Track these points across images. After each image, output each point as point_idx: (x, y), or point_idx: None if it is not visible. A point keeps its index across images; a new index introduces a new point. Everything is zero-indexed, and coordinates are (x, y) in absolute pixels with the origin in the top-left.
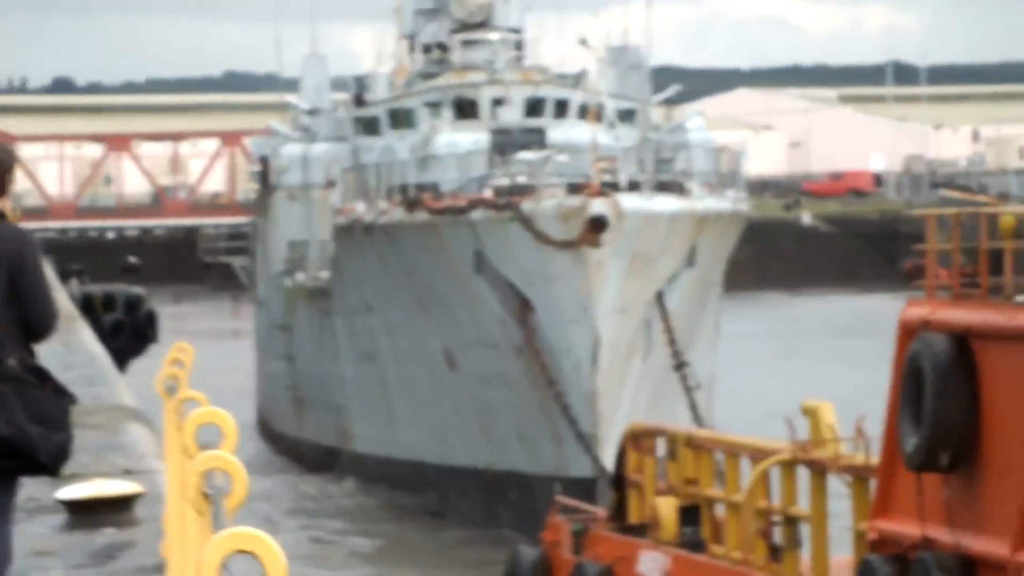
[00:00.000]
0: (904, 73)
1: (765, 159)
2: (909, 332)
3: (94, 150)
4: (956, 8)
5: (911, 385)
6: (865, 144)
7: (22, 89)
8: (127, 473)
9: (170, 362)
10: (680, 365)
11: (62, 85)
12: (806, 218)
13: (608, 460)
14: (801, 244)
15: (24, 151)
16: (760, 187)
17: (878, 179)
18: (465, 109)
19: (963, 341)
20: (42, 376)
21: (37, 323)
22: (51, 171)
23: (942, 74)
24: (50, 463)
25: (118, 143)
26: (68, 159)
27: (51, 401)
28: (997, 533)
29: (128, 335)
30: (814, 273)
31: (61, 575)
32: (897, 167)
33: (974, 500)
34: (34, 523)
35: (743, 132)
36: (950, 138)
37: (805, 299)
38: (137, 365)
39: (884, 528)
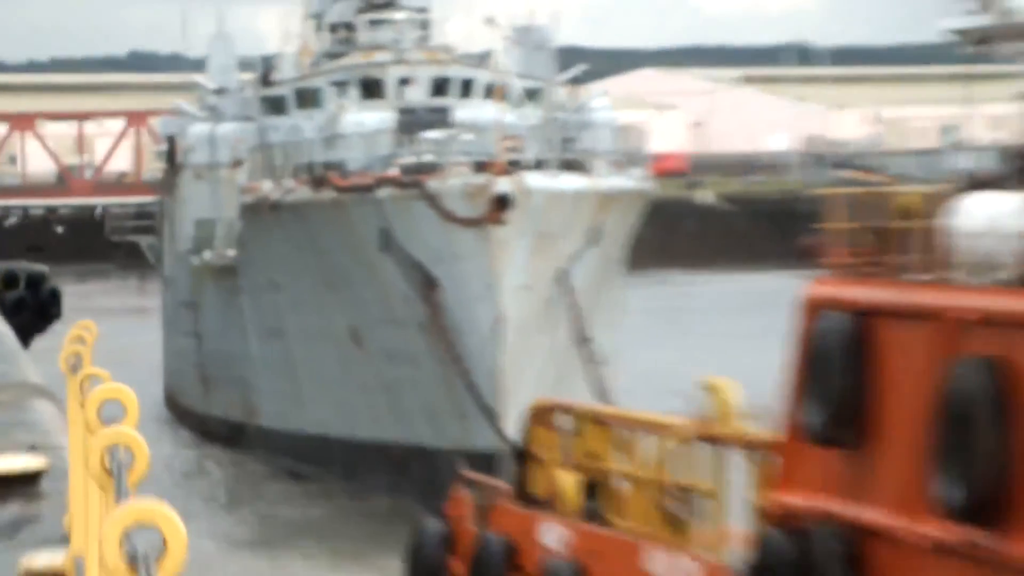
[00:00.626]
0: (805, 54)
1: (668, 138)
2: (812, 310)
3: None
4: None
5: (813, 362)
6: (766, 124)
7: None
8: (32, 449)
9: (73, 339)
10: (584, 341)
11: None
12: (708, 197)
13: (511, 434)
14: (703, 224)
15: None
16: (662, 166)
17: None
18: (371, 88)
19: (862, 318)
20: None
21: None
22: None
23: (842, 55)
24: None
25: (22, 122)
26: None
27: None
28: (888, 505)
29: (30, 312)
30: (715, 252)
31: None
32: (798, 147)
33: (868, 474)
34: None
35: (647, 112)
36: (850, 118)
37: (707, 277)
38: (42, 342)
39: (784, 501)
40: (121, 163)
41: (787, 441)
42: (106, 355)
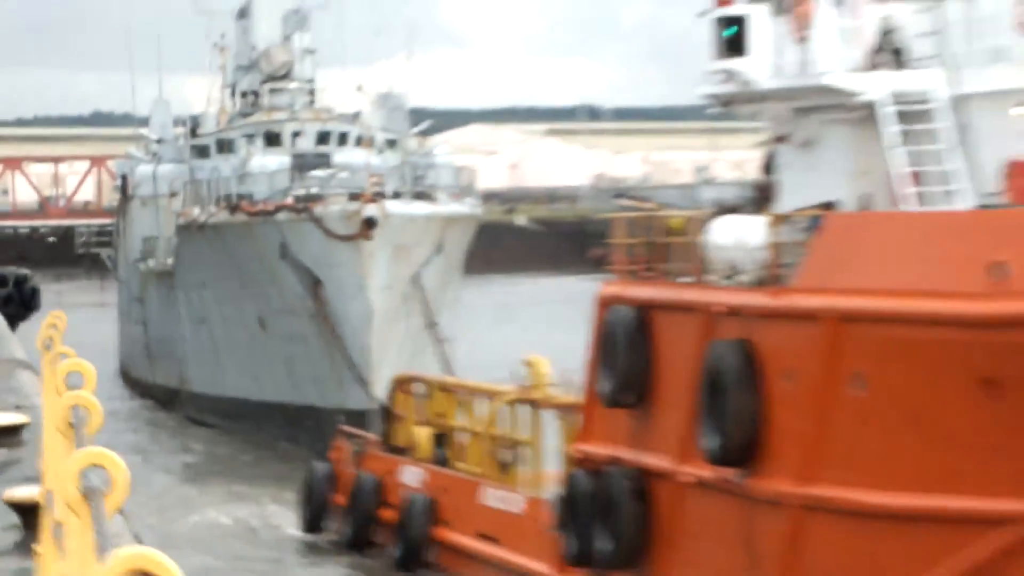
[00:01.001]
0: (594, 112)
1: (492, 177)
2: (604, 305)
3: None
4: (631, 64)
5: (606, 344)
6: (565, 165)
7: None
8: (17, 408)
9: (47, 326)
10: (432, 324)
11: None
12: (521, 219)
13: (379, 398)
14: (518, 240)
15: None
16: (488, 197)
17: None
18: (272, 139)
19: (642, 311)
20: None
21: None
22: None
23: (622, 113)
24: None
25: (12, 164)
26: None
27: None
28: (664, 452)
29: (17, 304)
30: (528, 261)
31: None
32: (588, 182)
33: (649, 429)
34: None
35: (476, 156)
36: (628, 161)
37: (521, 280)
38: (25, 328)
39: (585, 450)
40: (87, 194)
41: (587, 403)
42: (74, 337)
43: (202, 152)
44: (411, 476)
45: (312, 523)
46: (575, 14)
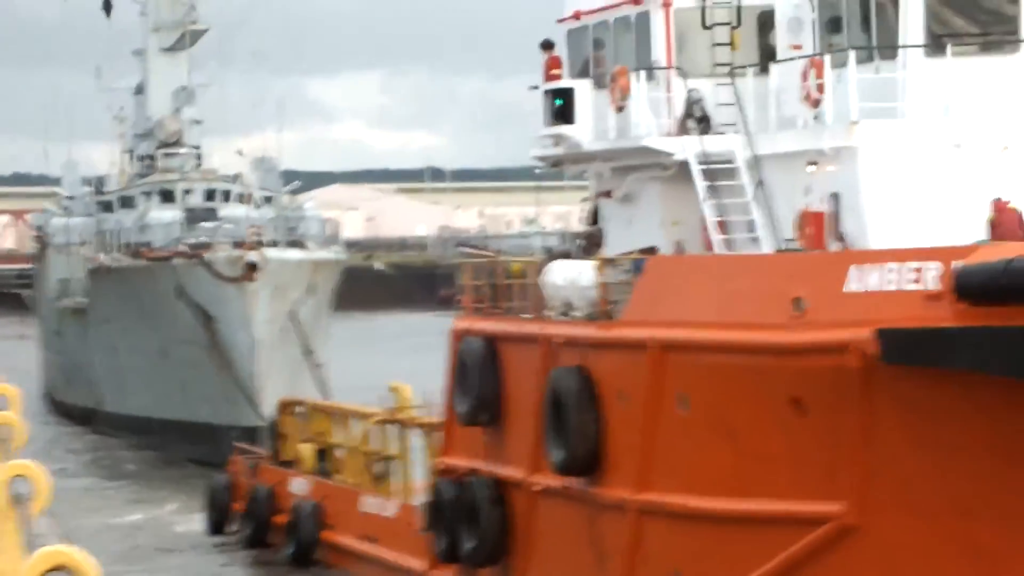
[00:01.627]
0: (439, 174)
1: (352, 228)
2: (457, 336)
3: None
4: (467, 131)
5: (461, 370)
6: (414, 219)
7: None
8: None
9: None
10: (308, 352)
11: None
12: (379, 264)
13: (266, 416)
14: (376, 282)
15: None
16: (350, 245)
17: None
18: (167, 196)
19: (491, 342)
20: None
21: None
22: None
23: (461, 174)
24: None
25: None
26: None
27: None
28: (517, 464)
29: None
30: (384, 300)
31: None
32: (434, 233)
33: (502, 444)
34: None
35: (338, 211)
36: (467, 215)
37: (379, 316)
38: None
39: (448, 462)
40: (9, 243)
41: (447, 422)
42: (1, 363)
43: (107, 207)
44: (299, 486)
45: (216, 526)
46: (420, 90)
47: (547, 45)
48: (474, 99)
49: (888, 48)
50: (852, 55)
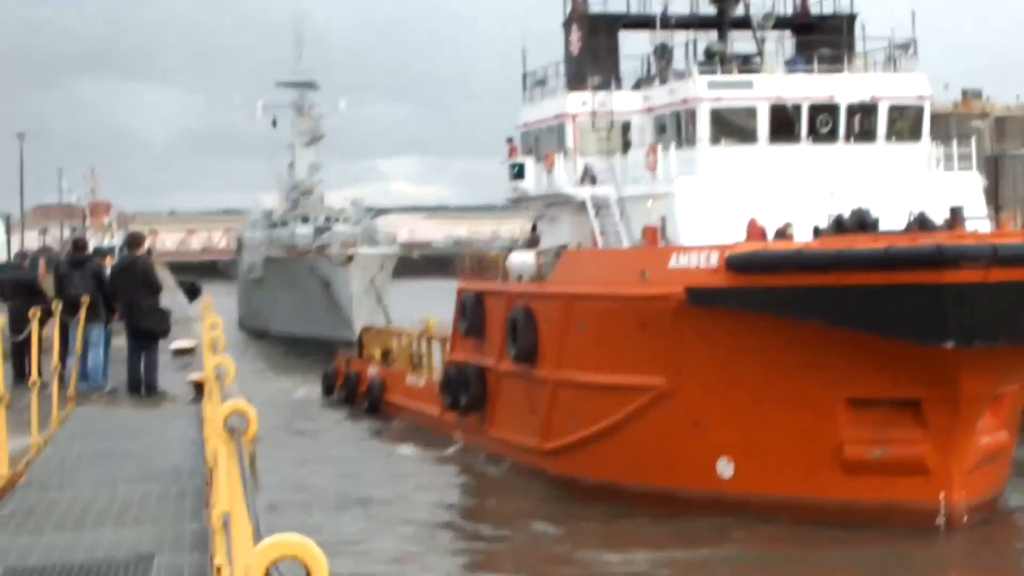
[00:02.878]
0: (447, 208)
1: (400, 237)
2: (460, 292)
3: None
4: (465, 184)
5: (461, 310)
6: (435, 233)
7: None
8: (191, 339)
9: (203, 302)
10: (379, 300)
11: None
12: (415, 255)
13: (355, 333)
14: (413, 265)
15: None
16: (400, 246)
17: None
18: (304, 220)
19: (479, 294)
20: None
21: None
22: None
23: (461, 208)
24: (165, 334)
25: (190, 232)
26: None
27: (162, 316)
28: (491, 357)
29: (191, 292)
30: (418, 273)
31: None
32: (443, 239)
33: (483, 347)
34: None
35: (393, 228)
36: (464, 231)
37: (415, 282)
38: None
39: (453, 357)
40: (222, 245)
41: (453, 336)
42: (217, 306)
43: (273, 226)
44: (372, 371)
45: (327, 391)
46: (436, 165)
47: (509, 140)
48: (466, 168)
49: (690, 141)
50: (672, 145)
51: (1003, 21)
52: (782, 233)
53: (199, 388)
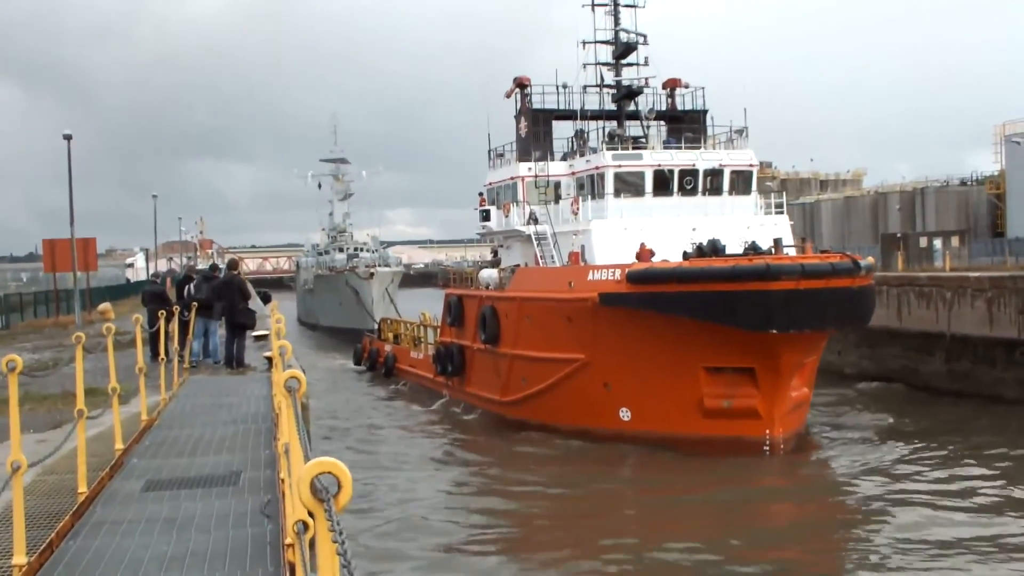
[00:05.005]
0: (433, 241)
1: (405, 260)
2: (447, 296)
3: None
4: (448, 227)
5: (448, 308)
6: (426, 258)
7: None
8: (267, 328)
9: (272, 306)
10: (391, 301)
11: None
12: (413, 272)
13: (375, 324)
14: (413, 278)
15: None
16: (404, 266)
17: None
18: (340, 250)
19: (460, 298)
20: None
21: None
22: None
23: (444, 241)
24: (252, 327)
25: (265, 259)
26: None
27: (250, 314)
28: (468, 340)
29: (264, 299)
30: (416, 284)
31: (250, 342)
32: (431, 261)
33: (463, 333)
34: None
35: (398, 255)
36: (445, 257)
37: (414, 290)
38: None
39: (442, 339)
40: (285, 266)
41: (442, 325)
42: (282, 308)
43: (319, 254)
44: (388, 348)
45: (356, 362)
46: (425, 212)
47: (480, 194)
48: (451, 215)
49: (600, 195)
50: (589, 197)
51: (785, 112)
52: (648, 256)
53: (271, 361)
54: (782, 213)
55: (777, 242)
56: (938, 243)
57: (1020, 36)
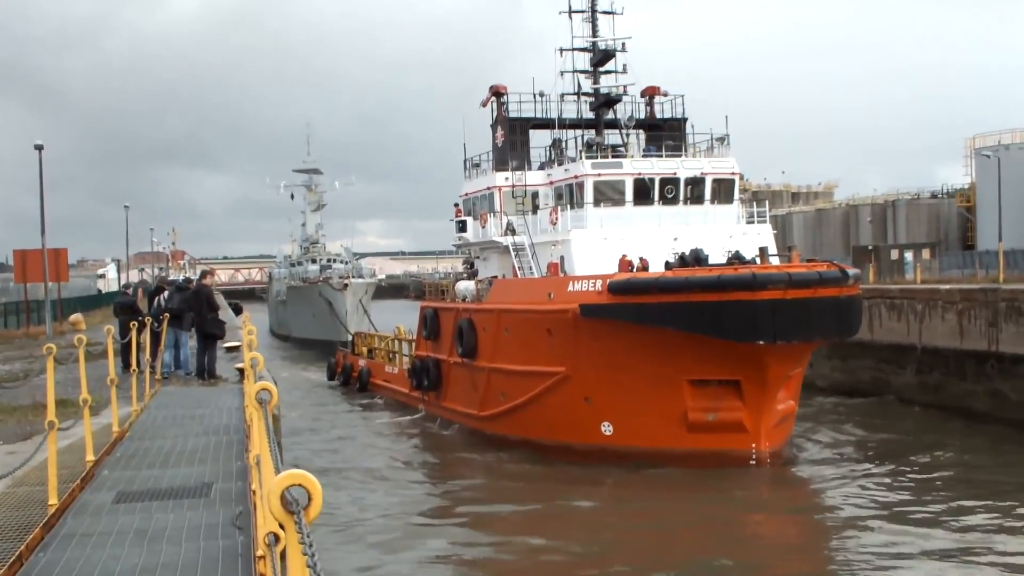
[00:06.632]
0: (406, 253)
1: (380, 272)
2: (422, 309)
3: None
4: (423, 237)
5: (423, 321)
6: (399, 269)
7: None
8: (237, 339)
9: (244, 317)
10: (365, 313)
11: None
12: (384, 283)
13: (350, 336)
14: (386, 290)
15: None
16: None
17: None
18: (313, 260)
19: (436, 311)
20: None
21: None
22: None
23: (417, 253)
24: (221, 337)
25: (237, 271)
26: None
27: (219, 324)
28: (445, 354)
29: (235, 311)
30: (389, 296)
31: (221, 353)
32: (406, 271)
33: (439, 346)
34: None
35: (372, 266)
36: (418, 268)
37: (387, 302)
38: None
39: (417, 353)
40: (258, 277)
41: (417, 338)
42: (253, 318)
43: (292, 265)
44: (362, 362)
45: (330, 377)
46: (400, 224)
47: (456, 204)
48: (423, 226)
49: (579, 204)
50: (567, 207)
51: (759, 124)
52: (643, 267)
53: (242, 373)
54: (765, 222)
55: (763, 251)
56: (909, 255)
57: (989, 53)
